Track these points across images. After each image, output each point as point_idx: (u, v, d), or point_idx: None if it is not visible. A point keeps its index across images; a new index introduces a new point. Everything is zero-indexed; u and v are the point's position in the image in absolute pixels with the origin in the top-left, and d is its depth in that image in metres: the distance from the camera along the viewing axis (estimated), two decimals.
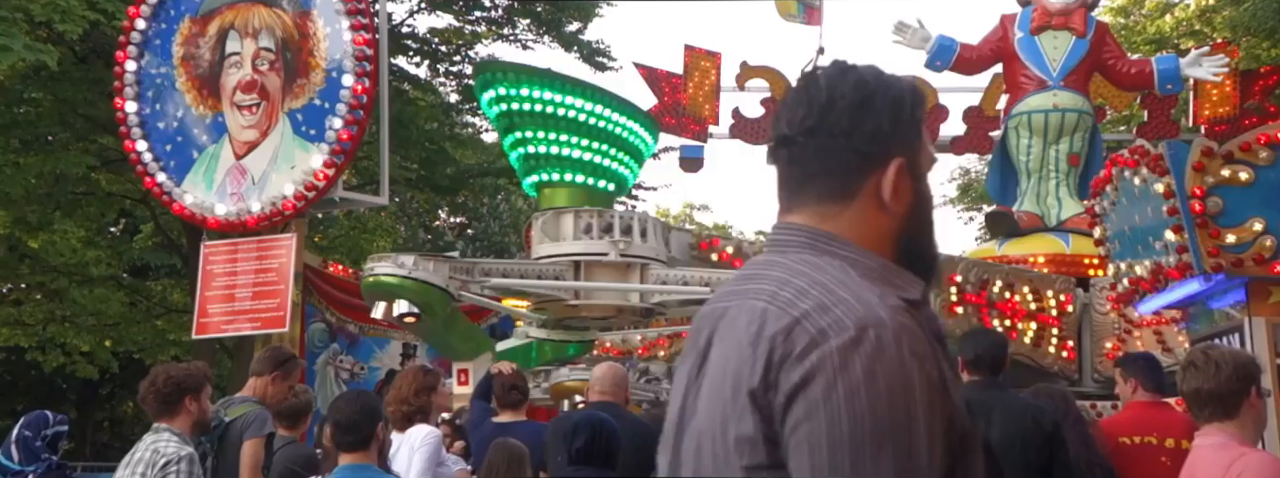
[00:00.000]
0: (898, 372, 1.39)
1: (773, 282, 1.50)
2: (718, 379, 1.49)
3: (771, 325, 1.44)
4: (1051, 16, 10.46)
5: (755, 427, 1.42)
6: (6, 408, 22.79)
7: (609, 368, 6.06)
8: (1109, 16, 18.44)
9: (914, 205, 1.58)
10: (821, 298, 1.45)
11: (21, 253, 17.91)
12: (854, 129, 1.56)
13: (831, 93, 1.57)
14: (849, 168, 1.56)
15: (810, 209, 1.58)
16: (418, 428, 5.68)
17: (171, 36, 10.88)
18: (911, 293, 1.53)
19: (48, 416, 5.73)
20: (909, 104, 1.59)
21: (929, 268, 1.60)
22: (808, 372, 1.39)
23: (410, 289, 8.84)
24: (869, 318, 1.41)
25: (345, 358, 14.20)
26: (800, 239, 1.57)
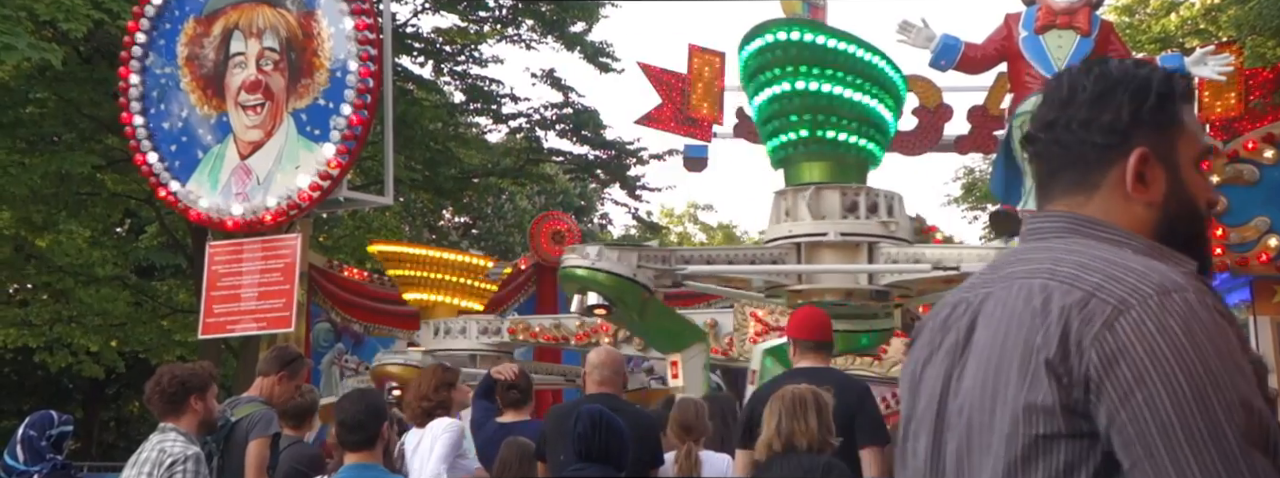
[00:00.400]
0: (1215, 329, 1.38)
1: (1044, 262, 1.50)
2: (992, 355, 1.47)
3: (1060, 299, 1.43)
4: (1056, 15, 10.43)
5: (1053, 396, 1.40)
6: (13, 408, 22.85)
7: (606, 353, 5.95)
8: (1114, 15, 18.42)
9: (1169, 195, 1.57)
10: (1107, 270, 1.44)
11: (28, 253, 17.94)
12: (1091, 121, 1.57)
13: (1072, 87, 1.61)
14: (1088, 160, 1.58)
15: (1059, 202, 1.60)
16: (439, 420, 5.71)
17: (176, 37, 10.89)
18: (1189, 269, 1.51)
19: (53, 416, 5.75)
20: (1155, 93, 1.58)
21: (1198, 253, 1.58)
22: (1124, 340, 1.38)
23: (601, 281, 8.46)
24: (1168, 283, 1.41)
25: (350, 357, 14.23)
26: (1060, 225, 1.58)
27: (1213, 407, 1.34)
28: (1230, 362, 1.37)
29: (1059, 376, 1.40)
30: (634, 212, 24.34)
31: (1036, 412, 1.41)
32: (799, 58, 8.78)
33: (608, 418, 4.67)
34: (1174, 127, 1.59)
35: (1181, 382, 1.35)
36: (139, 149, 10.76)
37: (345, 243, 20.69)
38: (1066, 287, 1.44)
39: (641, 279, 8.62)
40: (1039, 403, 1.41)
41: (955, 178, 25.85)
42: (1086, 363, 1.39)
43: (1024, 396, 1.42)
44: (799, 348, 5.33)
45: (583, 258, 8.55)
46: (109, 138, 15.69)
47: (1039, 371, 1.42)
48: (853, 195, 8.76)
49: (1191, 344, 1.36)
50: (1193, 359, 1.36)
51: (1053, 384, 1.41)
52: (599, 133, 20.89)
